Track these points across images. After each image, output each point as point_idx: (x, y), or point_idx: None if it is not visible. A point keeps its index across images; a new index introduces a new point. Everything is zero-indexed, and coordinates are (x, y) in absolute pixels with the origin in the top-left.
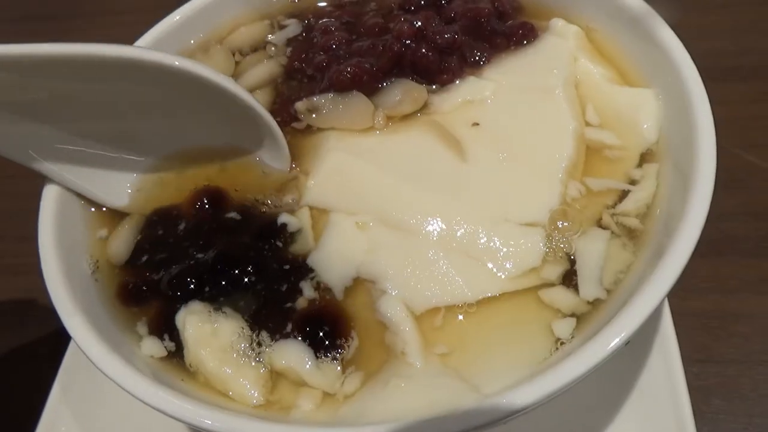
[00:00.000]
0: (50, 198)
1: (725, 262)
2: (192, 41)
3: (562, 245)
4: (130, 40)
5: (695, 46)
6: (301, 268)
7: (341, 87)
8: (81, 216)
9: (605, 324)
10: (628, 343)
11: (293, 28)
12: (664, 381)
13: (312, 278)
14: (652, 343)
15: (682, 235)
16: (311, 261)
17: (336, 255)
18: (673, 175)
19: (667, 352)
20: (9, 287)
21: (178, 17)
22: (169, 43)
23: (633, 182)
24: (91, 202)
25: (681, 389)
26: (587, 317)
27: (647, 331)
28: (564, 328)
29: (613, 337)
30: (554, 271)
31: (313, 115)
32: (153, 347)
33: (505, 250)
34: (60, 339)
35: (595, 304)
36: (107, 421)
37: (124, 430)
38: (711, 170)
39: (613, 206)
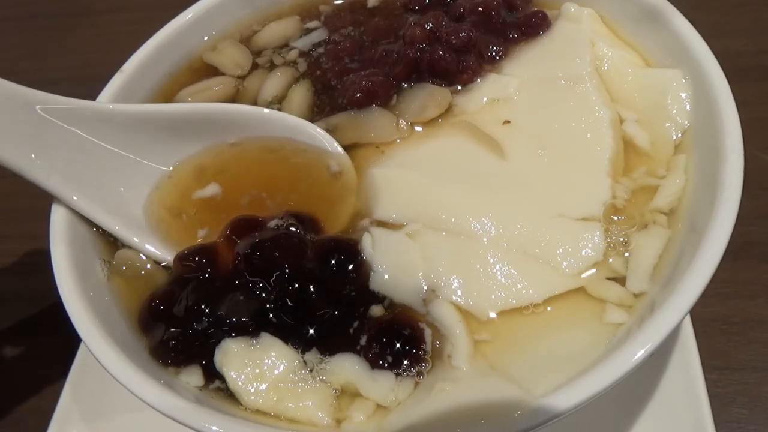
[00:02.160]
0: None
1: (743, 267)
2: (205, 38)
3: (621, 239)
4: (137, 37)
5: (711, 46)
6: (361, 284)
7: (358, 105)
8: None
9: (651, 318)
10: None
11: (318, 33)
12: (684, 389)
13: (382, 299)
14: (671, 350)
15: (714, 233)
16: (372, 282)
17: (394, 267)
18: (700, 168)
19: (687, 358)
20: (17, 285)
21: (190, 15)
22: (180, 42)
23: (661, 177)
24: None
25: (702, 397)
26: (633, 311)
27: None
28: (616, 318)
29: (663, 331)
30: (617, 266)
31: (335, 133)
32: (192, 378)
33: (564, 246)
34: (69, 338)
35: (639, 297)
36: (118, 423)
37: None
38: (739, 170)
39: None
